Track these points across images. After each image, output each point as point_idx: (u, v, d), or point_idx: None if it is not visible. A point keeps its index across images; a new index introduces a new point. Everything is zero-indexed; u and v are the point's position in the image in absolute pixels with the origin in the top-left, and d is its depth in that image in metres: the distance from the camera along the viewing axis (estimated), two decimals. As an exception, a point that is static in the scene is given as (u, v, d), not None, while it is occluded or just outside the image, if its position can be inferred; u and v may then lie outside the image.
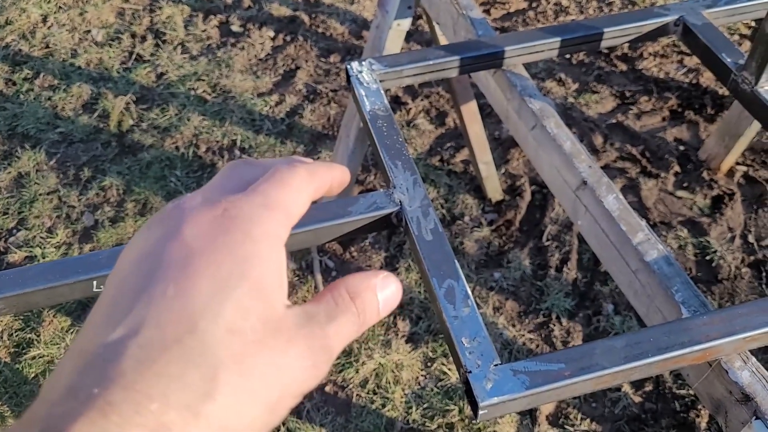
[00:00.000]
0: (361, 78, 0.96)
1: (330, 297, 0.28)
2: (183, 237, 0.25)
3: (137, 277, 0.25)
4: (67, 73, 2.11)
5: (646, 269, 0.77)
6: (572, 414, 1.41)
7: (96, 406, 0.21)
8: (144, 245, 0.26)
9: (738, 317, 0.70)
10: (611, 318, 1.54)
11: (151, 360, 0.22)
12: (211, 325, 0.24)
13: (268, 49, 2.19)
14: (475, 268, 1.64)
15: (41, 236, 1.70)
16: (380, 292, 0.30)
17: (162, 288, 0.24)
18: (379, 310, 0.30)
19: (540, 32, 1.04)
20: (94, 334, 0.24)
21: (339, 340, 0.28)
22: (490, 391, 0.65)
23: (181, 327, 0.23)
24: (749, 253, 1.65)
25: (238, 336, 0.24)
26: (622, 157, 1.86)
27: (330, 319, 0.27)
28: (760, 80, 0.90)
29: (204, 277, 0.24)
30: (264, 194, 0.28)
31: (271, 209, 0.27)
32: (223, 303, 0.24)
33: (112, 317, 0.24)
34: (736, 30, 2.18)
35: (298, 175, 0.29)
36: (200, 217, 0.26)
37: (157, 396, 0.22)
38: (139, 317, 0.23)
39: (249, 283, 0.25)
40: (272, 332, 0.25)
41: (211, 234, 0.26)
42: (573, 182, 0.89)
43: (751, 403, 0.67)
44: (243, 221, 0.26)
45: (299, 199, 0.29)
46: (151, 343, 0.23)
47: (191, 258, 0.25)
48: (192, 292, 0.24)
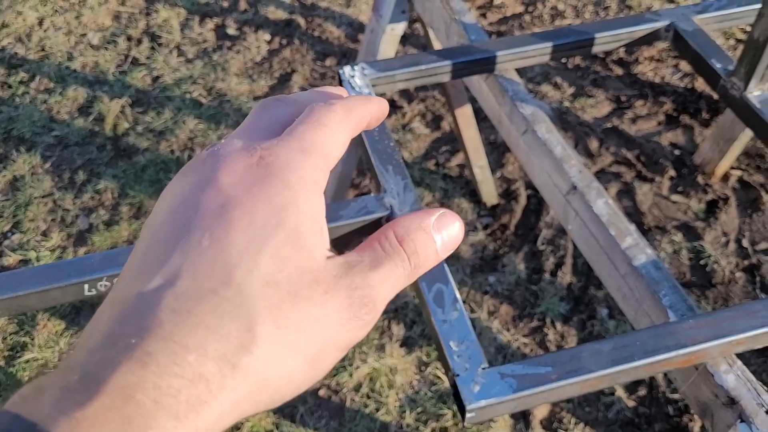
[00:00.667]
0: (353, 82, 0.96)
1: (377, 243, 0.27)
2: (219, 185, 0.25)
3: (172, 226, 0.25)
4: (62, 76, 2.11)
5: (635, 273, 0.77)
6: (566, 418, 1.42)
7: (135, 356, 0.21)
8: (179, 193, 0.26)
9: (724, 321, 0.70)
10: (606, 322, 1.54)
11: (186, 311, 0.22)
12: (247, 276, 0.23)
13: (264, 53, 2.20)
14: (470, 272, 1.64)
15: (36, 239, 1.71)
16: (437, 232, 0.27)
17: (197, 237, 0.24)
18: (438, 251, 0.27)
19: (532, 37, 1.04)
20: (131, 282, 0.24)
21: (385, 290, 0.26)
22: (478, 394, 0.66)
23: (217, 278, 0.23)
24: (743, 257, 1.65)
25: (273, 287, 0.24)
26: (617, 162, 1.86)
27: (374, 267, 0.26)
28: (749, 86, 0.90)
29: (239, 227, 0.24)
30: (300, 138, 0.26)
31: (309, 153, 0.26)
32: (259, 254, 0.24)
33: (148, 266, 0.24)
34: (732, 35, 2.19)
35: (335, 114, 0.28)
36: (236, 164, 0.25)
37: (194, 347, 0.22)
38: (174, 267, 0.23)
39: (285, 232, 0.24)
40: (309, 283, 0.24)
41: (247, 182, 0.25)
42: (563, 187, 0.89)
43: (736, 406, 0.67)
44: (279, 168, 0.25)
45: (337, 140, 0.27)
46: (188, 293, 0.23)
47: (227, 207, 0.24)
48: (227, 243, 0.24)
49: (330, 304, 0.25)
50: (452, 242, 0.28)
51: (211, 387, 0.22)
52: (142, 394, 0.21)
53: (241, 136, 0.27)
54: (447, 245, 0.28)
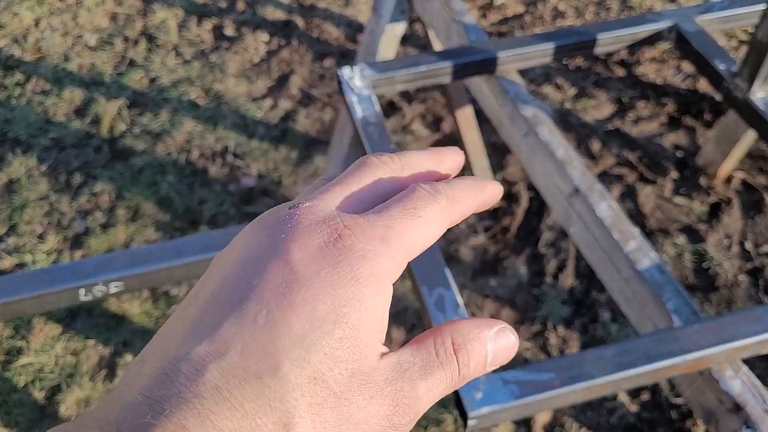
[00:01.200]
0: (353, 84, 0.95)
1: (432, 345, 0.26)
2: (289, 258, 0.24)
3: (233, 290, 0.24)
4: (59, 77, 2.10)
5: (638, 278, 0.76)
6: (568, 423, 1.40)
7: (168, 427, 0.21)
8: (249, 250, 0.24)
9: (729, 326, 0.68)
10: (608, 326, 1.53)
11: (228, 390, 0.22)
12: (295, 368, 0.22)
13: (262, 54, 2.18)
14: (471, 276, 1.63)
15: (32, 242, 1.69)
16: (491, 344, 0.26)
17: (254, 312, 0.23)
18: (487, 364, 0.26)
19: (533, 38, 1.03)
20: (180, 337, 0.23)
21: (428, 399, 0.25)
22: (480, 401, 0.64)
23: (265, 363, 0.22)
24: (746, 260, 1.64)
25: (320, 385, 0.23)
26: (619, 163, 1.85)
27: (424, 375, 0.25)
28: (753, 87, 0.89)
29: (299, 312, 0.23)
30: (387, 225, 0.25)
31: (390, 245, 0.25)
32: (312, 347, 0.23)
33: (200, 326, 0.23)
34: (734, 35, 2.18)
35: (436, 205, 0.26)
36: (312, 239, 0.24)
37: (227, 430, 0.21)
38: (226, 337, 0.22)
39: (344, 331, 0.23)
40: (358, 386, 0.23)
41: (318, 263, 0.24)
42: (565, 189, 0.88)
43: (741, 412, 0.66)
44: (354, 256, 0.24)
45: (428, 234, 0.26)
46: (233, 371, 0.22)
47: (291, 286, 0.23)
48: (282, 327, 0.23)
49: (373, 409, 0.24)
50: (503, 359, 0.27)
51: None
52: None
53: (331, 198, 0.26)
54: (496, 360, 0.27)
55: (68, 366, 1.48)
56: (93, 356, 1.49)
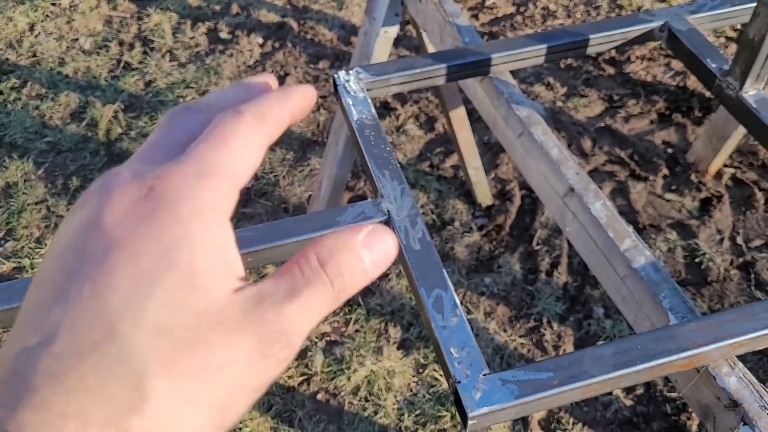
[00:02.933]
0: (348, 87, 0.96)
1: (296, 267, 0.24)
2: (103, 225, 0.22)
3: (56, 275, 0.22)
4: (54, 81, 2.10)
5: (634, 276, 0.77)
6: (564, 419, 1.42)
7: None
8: (66, 234, 0.23)
9: (725, 323, 0.70)
10: (602, 321, 1.55)
11: (64, 373, 0.20)
12: (132, 327, 0.21)
13: (256, 56, 2.19)
14: (466, 274, 1.64)
15: (30, 246, 1.69)
16: (366, 249, 0.25)
17: (77, 288, 0.21)
18: (366, 270, 0.25)
19: (526, 39, 1.04)
20: (13, 340, 0.22)
21: (302, 321, 0.23)
22: (479, 401, 0.65)
23: (98, 332, 0.21)
24: (738, 254, 1.66)
25: (165, 336, 0.21)
26: (610, 161, 1.86)
27: (290, 296, 0.23)
28: (745, 85, 0.90)
29: (122, 273, 0.21)
30: (199, 159, 0.24)
31: (208, 177, 0.23)
32: (146, 301, 0.21)
33: (31, 320, 0.22)
34: (722, 33, 2.20)
35: (243, 123, 0.25)
36: (122, 199, 0.23)
37: (72, 414, 0.20)
38: (53, 323, 0.21)
39: (177, 274, 0.22)
40: (210, 326, 0.22)
41: (133, 219, 0.22)
42: (560, 189, 0.89)
43: (738, 408, 0.67)
44: (170, 200, 0.23)
45: (246, 155, 0.24)
46: (66, 352, 0.20)
47: (110, 250, 0.22)
48: (109, 291, 0.21)
49: (236, 346, 0.22)
50: (384, 259, 0.25)
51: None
52: None
53: (139, 159, 0.25)
54: (377, 263, 0.25)
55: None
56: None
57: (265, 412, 1.42)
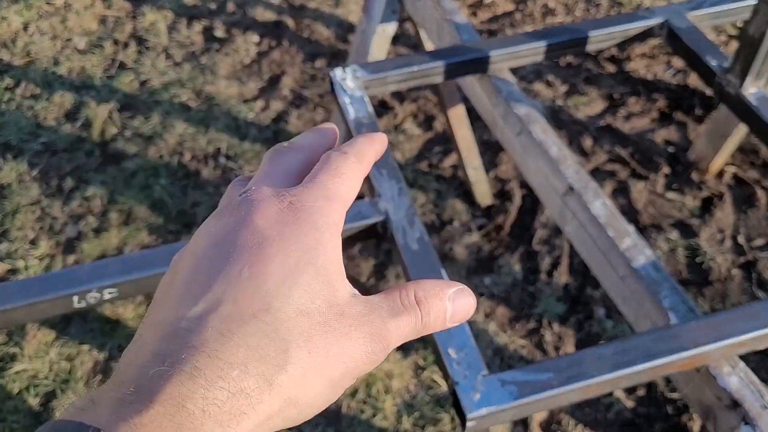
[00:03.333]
0: (345, 85, 0.95)
1: (398, 294, 0.30)
2: (255, 225, 0.28)
3: (212, 260, 0.27)
4: (49, 81, 2.09)
5: (634, 275, 0.76)
6: (565, 420, 1.40)
7: (184, 370, 0.24)
8: (218, 231, 0.28)
9: (725, 323, 0.69)
10: (603, 322, 1.53)
11: (230, 332, 0.25)
12: (284, 305, 0.26)
13: (252, 55, 2.18)
14: (466, 274, 1.63)
15: (24, 248, 1.68)
16: (450, 302, 0.31)
17: (238, 269, 0.27)
18: (446, 319, 0.31)
19: (525, 37, 1.03)
20: (174, 307, 0.26)
21: (397, 336, 0.29)
22: (478, 402, 0.64)
23: (257, 305, 0.26)
24: (739, 254, 1.64)
25: (306, 317, 0.26)
26: (611, 160, 1.85)
27: (392, 315, 0.29)
28: (745, 83, 0.89)
29: (275, 262, 0.27)
30: (323, 186, 0.30)
31: (331, 200, 0.29)
32: (293, 286, 0.27)
33: (190, 293, 0.26)
34: (723, 30, 2.19)
35: (350, 162, 0.31)
36: (269, 208, 0.28)
37: (237, 364, 0.24)
38: (217, 294, 0.26)
39: (315, 269, 0.27)
40: (337, 316, 0.27)
41: (281, 224, 0.28)
42: (560, 188, 0.88)
43: (739, 408, 0.66)
44: (308, 213, 0.29)
45: (353, 187, 0.31)
46: (231, 317, 0.25)
47: (263, 244, 0.27)
48: (265, 275, 0.26)
49: (353, 337, 0.27)
50: (462, 316, 0.31)
51: (251, 400, 0.24)
52: (192, 403, 0.23)
53: (266, 182, 0.31)
54: (456, 317, 0.31)
55: (63, 372, 1.47)
56: (87, 361, 1.48)
57: (263, 414, 1.40)
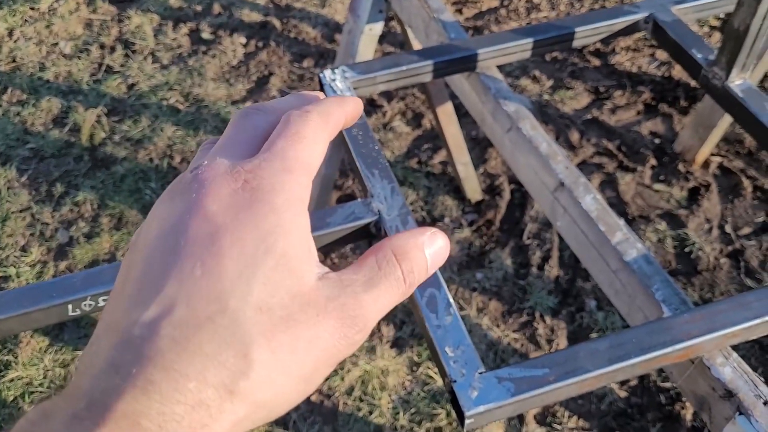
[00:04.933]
0: (335, 86, 0.95)
1: (374, 259, 0.27)
2: (206, 212, 0.25)
3: (163, 254, 0.25)
4: (35, 87, 2.07)
5: (626, 269, 0.77)
6: (559, 412, 1.42)
7: (138, 385, 0.22)
8: (167, 218, 0.26)
9: (718, 314, 0.70)
10: (594, 314, 1.55)
11: (185, 339, 0.23)
12: (241, 303, 0.24)
13: (240, 56, 2.17)
14: (458, 270, 1.64)
15: (15, 255, 1.67)
16: (428, 249, 0.28)
17: (189, 266, 0.24)
18: (428, 267, 0.28)
19: (512, 34, 1.04)
20: (127, 310, 0.24)
21: (376, 310, 0.27)
22: (476, 399, 0.65)
23: (212, 306, 0.24)
24: (727, 243, 1.66)
25: (266, 313, 0.24)
26: (598, 153, 1.87)
27: (368, 287, 0.27)
28: (731, 75, 0.90)
29: (230, 255, 0.25)
30: (281, 156, 0.27)
31: (291, 172, 0.27)
32: (250, 281, 0.24)
33: (141, 294, 0.24)
34: (706, 22, 2.21)
35: (311, 122, 0.28)
36: (221, 189, 0.26)
37: (194, 375, 0.23)
38: (170, 296, 0.24)
39: (275, 258, 0.25)
40: (301, 306, 0.25)
41: (234, 208, 0.25)
42: (550, 183, 0.89)
43: (734, 398, 0.67)
44: (264, 192, 0.26)
45: (316, 151, 0.28)
46: (185, 322, 0.23)
47: (216, 236, 0.25)
48: (219, 271, 0.24)
49: (322, 326, 0.25)
50: (439, 258, 0.29)
51: (212, 411, 0.23)
52: (148, 420, 0.22)
53: (224, 153, 0.28)
54: (435, 262, 0.29)
55: (58, 378, 1.47)
56: (82, 368, 1.48)
57: (260, 415, 1.41)
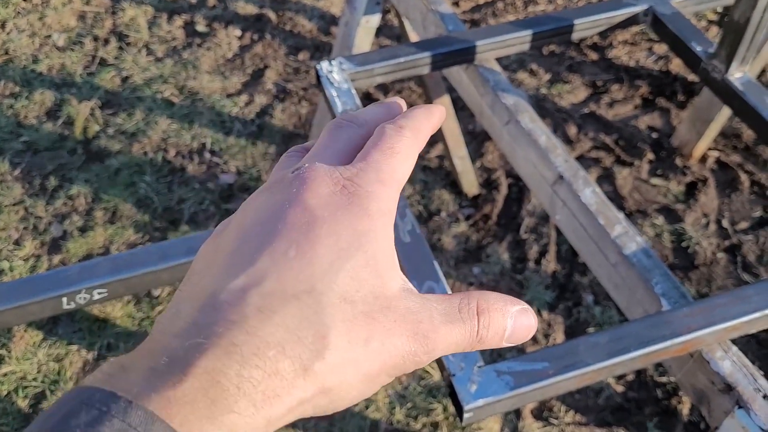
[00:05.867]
0: (332, 78, 0.94)
1: (458, 300, 0.28)
2: (306, 204, 0.26)
3: (259, 235, 0.26)
4: (28, 79, 2.06)
5: (625, 262, 0.77)
6: (556, 407, 1.42)
7: (221, 344, 0.23)
8: (266, 206, 0.27)
9: (718, 307, 0.69)
10: (591, 309, 1.55)
11: (271, 310, 0.24)
12: (327, 289, 0.25)
13: (235, 49, 2.16)
14: (455, 264, 1.63)
15: (8, 249, 1.66)
16: (512, 319, 0.29)
17: (284, 247, 0.25)
18: (505, 336, 0.29)
19: (511, 26, 1.03)
20: (215, 278, 0.25)
21: (446, 344, 0.27)
22: (475, 393, 0.64)
23: (300, 285, 0.25)
24: (724, 237, 1.66)
25: (350, 305, 0.25)
26: (596, 147, 1.86)
27: (444, 321, 0.27)
28: (730, 68, 0.90)
29: (324, 244, 0.26)
30: (376, 167, 0.28)
31: (384, 183, 0.28)
32: (340, 271, 0.25)
33: (233, 266, 0.25)
34: (703, 16, 2.20)
35: (405, 139, 0.29)
36: (321, 188, 0.27)
37: (274, 344, 0.24)
38: (261, 270, 0.25)
39: (365, 257, 0.26)
40: (382, 308, 0.26)
41: (333, 206, 0.27)
42: (549, 177, 0.88)
43: (733, 392, 0.67)
44: (361, 197, 0.27)
45: (407, 165, 0.29)
46: (273, 294, 0.24)
47: (313, 224, 0.26)
48: (312, 256, 0.25)
49: (397, 332, 0.26)
50: (520, 336, 0.29)
51: (285, 383, 0.24)
52: (227, 379, 0.23)
53: (322, 159, 0.29)
54: (514, 336, 0.29)
55: (51, 373, 1.46)
56: (77, 361, 1.47)
57: (255, 410, 1.40)
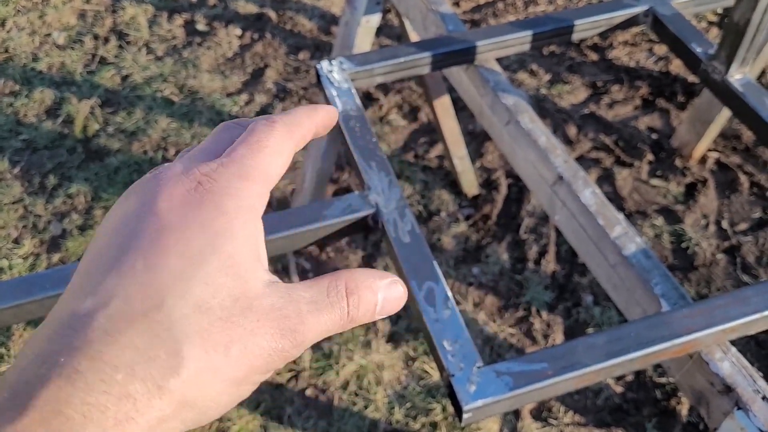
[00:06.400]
0: (332, 78, 0.94)
1: (326, 284, 0.28)
2: (156, 210, 0.26)
3: (110, 249, 0.25)
4: (28, 78, 2.06)
5: (625, 263, 0.77)
6: (555, 407, 1.42)
7: (63, 373, 0.22)
8: (120, 215, 0.26)
9: (717, 309, 0.69)
10: (591, 309, 1.55)
11: (117, 332, 0.23)
12: (179, 301, 0.24)
13: (235, 48, 2.16)
14: (454, 264, 1.63)
15: (7, 247, 1.66)
16: (381, 293, 0.29)
17: (132, 261, 0.24)
18: (376, 311, 0.29)
19: (511, 26, 1.03)
20: (66, 303, 0.24)
21: (315, 333, 0.27)
22: (474, 394, 0.64)
23: (149, 302, 0.24)
24: (723, 239, 1.66)
25: (205, 313, 0.24)
26: (596, 147, 1.86)
27: (313, 308, 0.27)
28: (730, 69, 0.90)
29: (173, 252, 0.25)
30: (239, 162, 0.27)
31: (246, 179, 0.27)
32: (191, 279, 0.24)
33: (84, 288, 0.25)
34: (703, 17, 2.20)
35: (275, 133, 0.28)
36: (174, 189, 0.26)
37: (122, 367, 0.22)
38: (108, 289, 0.24)
39: (220, 260, 0.25)
40: (242, 310, 0.25)
41: (184, 208, 0.26)
42: (549, 177, 0.88)
43: (732, 393, 0.67)
44: (216, 195, 0.26)
45: (278, 161, 0.28)
46: (119, 315, 0.23)
47: (162, 232, 0.25)
48: (161, 268, 0.24)
49: (260, 332, 0.25)
50: (391, 308, 0.29)
51: (138, 405, 0.22)
52: (72, 409, 0.21)
53: (189, 158, 0.28)
54: (385, 309, 0.29)
55: (51, 372, 1.46)
56: (76, 361, 1.47)
57: (254, 410, 1.40)
